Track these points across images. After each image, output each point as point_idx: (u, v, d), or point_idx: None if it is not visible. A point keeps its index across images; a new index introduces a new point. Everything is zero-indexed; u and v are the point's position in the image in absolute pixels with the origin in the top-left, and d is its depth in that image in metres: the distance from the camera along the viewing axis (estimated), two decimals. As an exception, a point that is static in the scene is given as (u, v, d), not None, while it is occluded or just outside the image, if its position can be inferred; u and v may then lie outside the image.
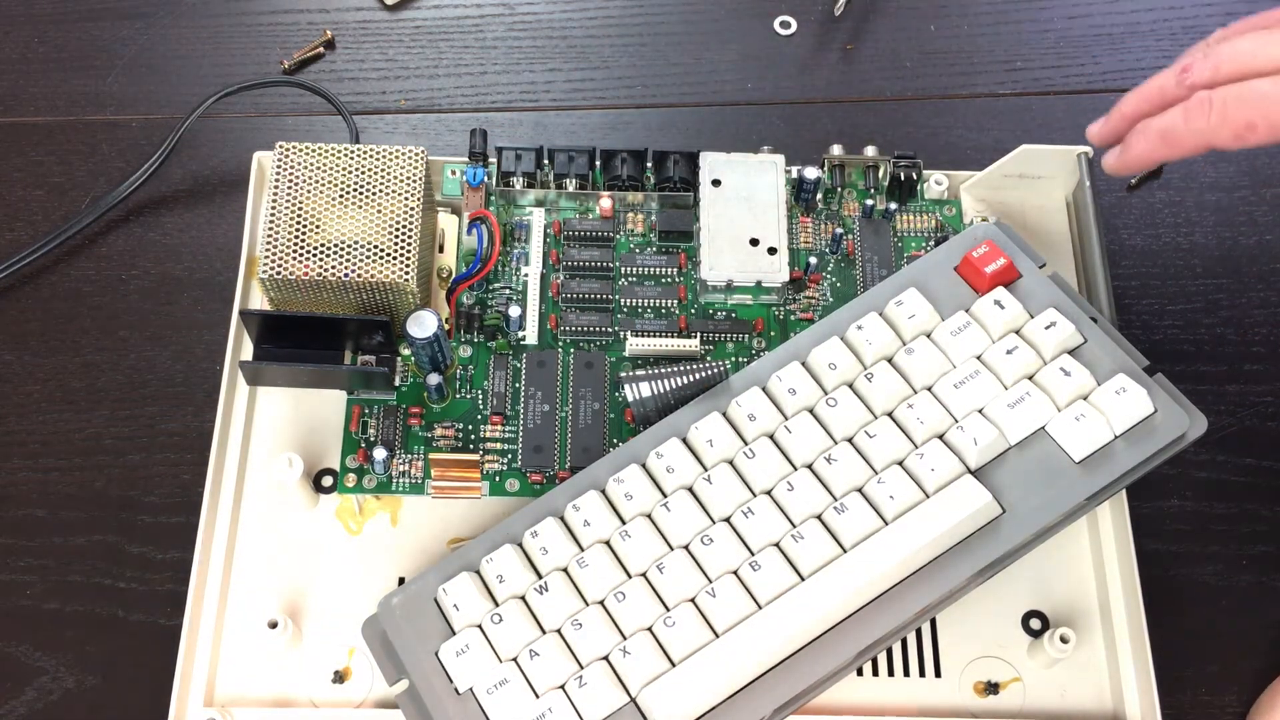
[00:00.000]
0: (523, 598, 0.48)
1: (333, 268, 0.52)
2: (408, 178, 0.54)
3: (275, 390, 0.56)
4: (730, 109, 0.68)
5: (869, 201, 0.60)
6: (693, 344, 0.55)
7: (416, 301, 0.53)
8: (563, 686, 0.46)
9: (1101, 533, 0.54)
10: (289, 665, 0.51)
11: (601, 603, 0.47)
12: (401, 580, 0.53)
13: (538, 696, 0.46)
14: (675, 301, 0.57)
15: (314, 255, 0.52)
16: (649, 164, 0.59)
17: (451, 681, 0.46)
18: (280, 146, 0.54)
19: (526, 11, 0.71)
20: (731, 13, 0.71)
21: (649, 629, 0.47)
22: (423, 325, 0.53)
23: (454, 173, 0.59)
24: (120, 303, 0.61)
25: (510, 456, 0.54)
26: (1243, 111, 0.45)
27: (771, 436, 0.50)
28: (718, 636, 0.46)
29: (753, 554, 0.47)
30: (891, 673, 0.51)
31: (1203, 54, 0.48)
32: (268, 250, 0.52)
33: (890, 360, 0.51)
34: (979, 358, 0.51)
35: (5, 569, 0.55)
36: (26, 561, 0.55)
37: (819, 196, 0.60)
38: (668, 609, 0.47)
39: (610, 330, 0.56)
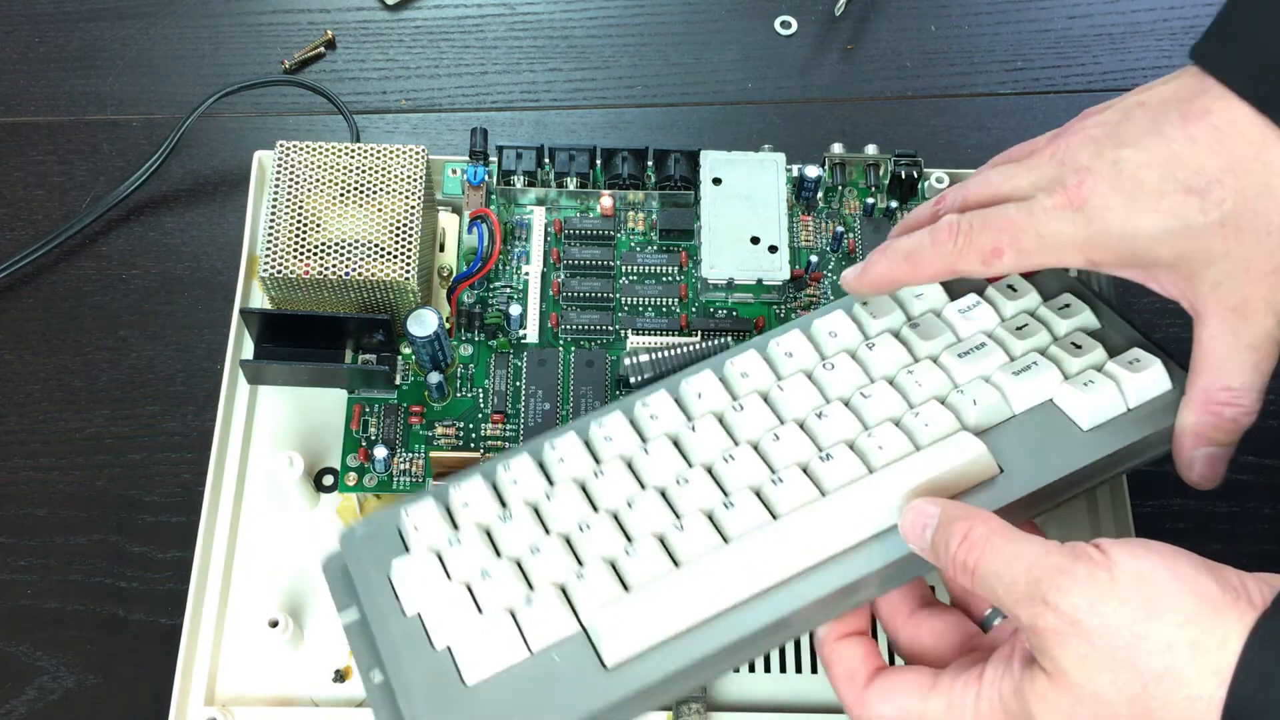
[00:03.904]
0: (486, 528, 0.46)
1: (333, 266, 0.52)
2: (408, 177, 0.54)
3: (276, 389, 0.56)
4: (731, 108, 0.68)
5: (870, 200, 0.60)
6: (693, 342, 0.55)
7: (417, 300, 0.53)
8: (511, 610, 0.43)
9: (1103, 530, 0.53)
10: (290, 664, 0.51)
11: (565, 535, 0.45)
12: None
13: (481, 612, 0.43)
14: (676, 300, 0.57)
15: (314, 254, 0.52)
16: (650, 162, 0.59)
17: (399, 602, 0.44)
18: (281, 145, 0.54)
19: (527, 11, 0.71)
20: (732, 13, 0.71)
21: (609, 560, 0.44)
22: (423, 324, 0.53)
23: (455, 171, 0.59)
24: (121, 302, 0.61)
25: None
26: (988, 236, 0.43)
27: (764, 395, 0.48)
28: (679, 567, 0.43)
29: (727, 495, 0.45)
30: (893, 671, 0.51)
31: (958, 187, 0.47)
32: (268, 249, 0.52)
33: (895, 334, 0.49)
34: (987, 333, 0.49)
35: (5, 569, 0.55)
36: (26, 561, 0.55)
37: (820, 195, 0.60)
38: (631, 541, 0.45)
39: (611, 329, 0.56)
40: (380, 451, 0.52)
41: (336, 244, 0.52)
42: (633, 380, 0.52)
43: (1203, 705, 0.34)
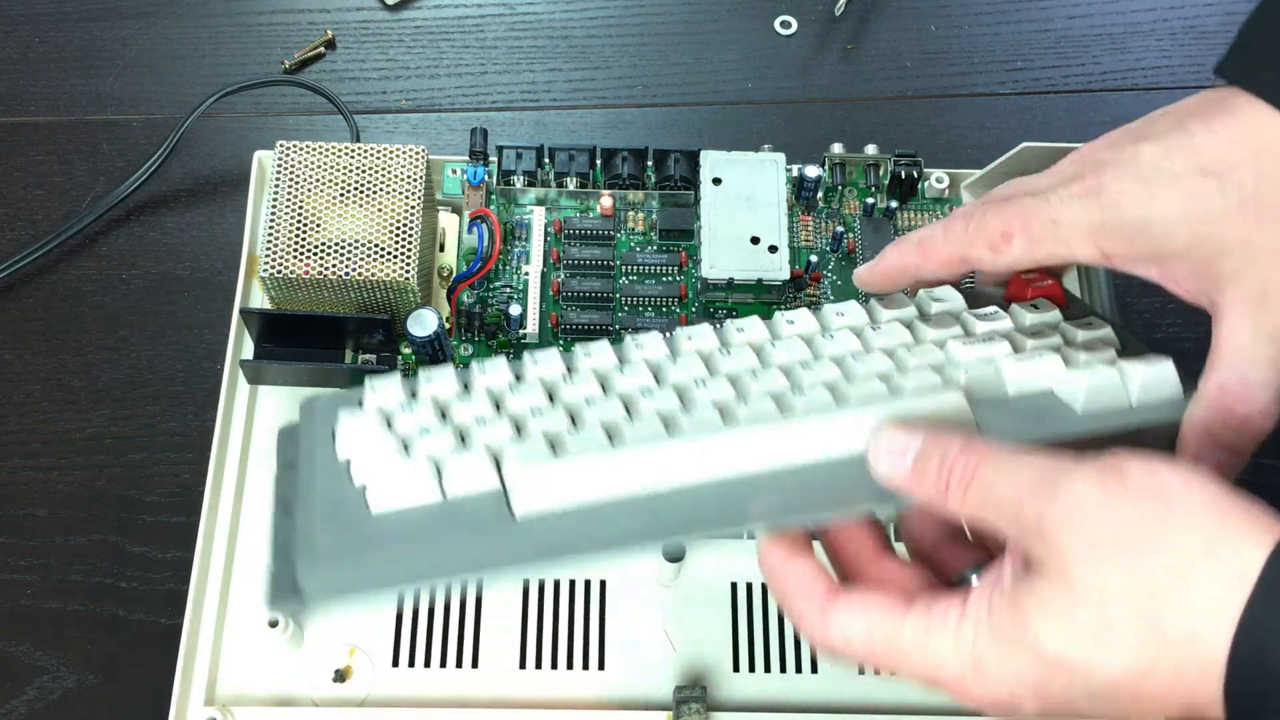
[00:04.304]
0: (445, 404, 0.44)
1: (333, 266, 0.52)
2: (408, 176, 0.54)
3: (276, 389, 0.56)
4: (731, 108, 0.68)
5: (870, 200, 0.60)
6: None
7: (417, 300, 0.53)
8: (437, 461, 0.41)
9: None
10: (290, 664, 0.51)
11: (517, 418, 0.43)
12: (402, 579, 0.53)
13: (408, 455, 0.42)
14: (676, 300, 0.57)
15: (315, 254, 0.52)
16: (649, 162, 0.59)
17: (334, 447, 0.43)
18: (281, 145, 0.54)
19: (527, 11, 0.71)
20: (732, 13, 0.71)
21: (551, 436, 0.42)
22: (423, 324, 0.53)
23: (455, 171, 0.59)
24: (121, 302, 0.61)
25: (511, 455, 0.54)
26: (999, 221, 0.42)
27: (756, 350, 0.46)
28: (614, 447, 0.41)
29: (687, 405, 0.43)
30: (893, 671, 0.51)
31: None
32: (268, 249, 0.52)
33: (905, 324, 0.47)
34: (1000, 334, 0.46)
35: (5, 569, 0.55)
36: (26, 561, 0.55)
37: (820, 195, 0.60)
38: (577, 425, 0.43)
39: (611, 329, 0.56)
40: (380, 451, 0.52)
41: (336, 244, 0.52)
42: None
43: (1215, 612, 0.32)
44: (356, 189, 0.54)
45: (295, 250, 0.52)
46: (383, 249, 0.52)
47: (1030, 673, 0.34)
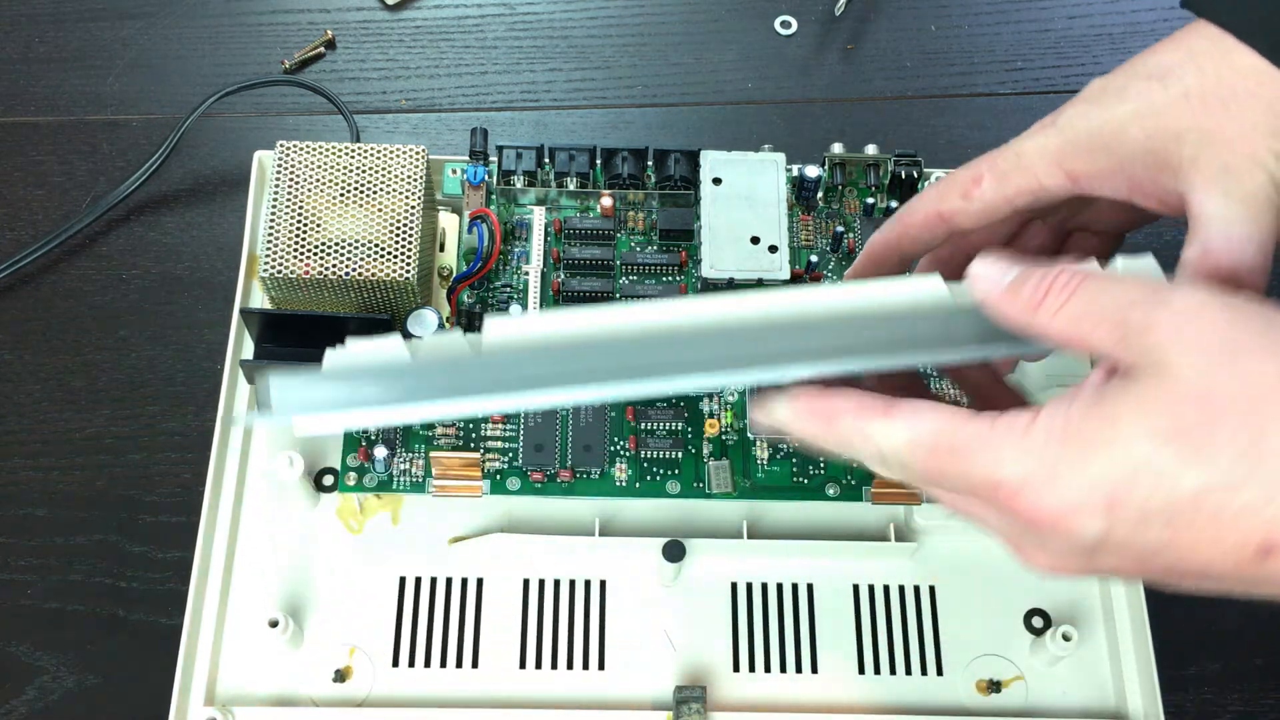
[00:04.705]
0: None
1: (333, 266, 0.52)
2: (408, 176, 0.54)
3: (276, 389, 0.56)
4: (731, 108, 0.68)
5: (870, 200, 0.60)
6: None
7: (417, 300, 0.53)
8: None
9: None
10: (290, 664, 0.51)
11: None
12: (403, 579, 0.53)
13: None
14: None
15: (315, 254, 0.52)
16: (650, 162, 0.59)
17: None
18: (281, 145, 0.54)
19: (527, 11, 0.71)
20: (732, 13, 0.71)
21: None
22: (424, 324, 0.53)
23: (455, 171, 0.59)
24: (121, 302, 0.61)
25: (511, 455, 0.54)
26: (968, 170, 0.43)
27: None
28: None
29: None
30: (893, 671, 0.51)
31: None
32: (268, 249, 0.52)
33: None
34: None
35: (5, 569, 0.55)
36: (26, 561, 0.55)
37: (820, 194, 0.60)
38: None
39: (611, 329, 0.56)
40: (380, 451, 0.52)
41: (336, 244, 0.52)
42: None
43: None
44: (356, 189, 0.54)
45: (295, 250, 0.52)
46: (383, 249, 0.52)
47: (1110, 479, 0.32)
